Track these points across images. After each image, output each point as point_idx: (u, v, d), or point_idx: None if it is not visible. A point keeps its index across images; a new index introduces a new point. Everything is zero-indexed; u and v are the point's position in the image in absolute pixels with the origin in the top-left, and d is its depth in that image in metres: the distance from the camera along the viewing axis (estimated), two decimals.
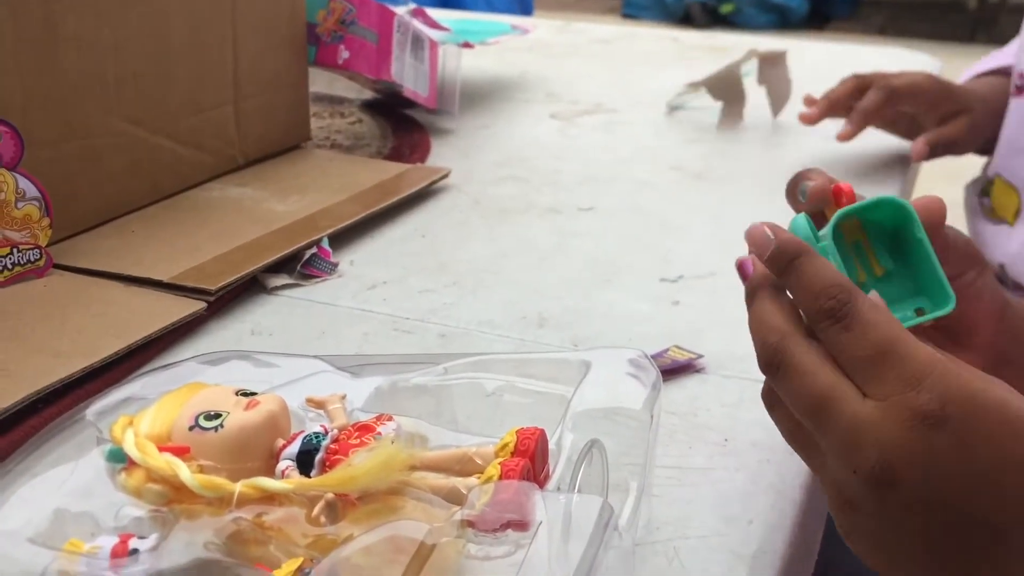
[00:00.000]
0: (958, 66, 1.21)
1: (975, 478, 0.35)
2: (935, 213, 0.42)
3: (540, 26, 1.33)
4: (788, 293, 0.40)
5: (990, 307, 0.45)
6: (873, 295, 0.39)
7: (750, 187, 0.85)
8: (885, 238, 0.43)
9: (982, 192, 0.97)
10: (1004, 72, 0.98)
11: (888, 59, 1.26)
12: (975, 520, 0.35)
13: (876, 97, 0.86)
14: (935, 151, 0.88)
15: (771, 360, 0.39)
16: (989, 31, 4.16)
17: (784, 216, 0.43)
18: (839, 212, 0.41)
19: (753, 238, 0.41)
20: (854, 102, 0.87)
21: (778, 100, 0.99)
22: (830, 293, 0.38)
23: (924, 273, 0.42)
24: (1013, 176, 0.91)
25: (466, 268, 0.68)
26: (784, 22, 4.62)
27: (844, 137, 0.86)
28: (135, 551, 0.34)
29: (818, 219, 0.43)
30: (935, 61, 1.25)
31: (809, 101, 0.90)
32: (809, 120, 0.88)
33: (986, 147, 0.96)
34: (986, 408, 0.35)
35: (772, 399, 0.41)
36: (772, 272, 0.40)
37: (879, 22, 4.82)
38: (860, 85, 0.88)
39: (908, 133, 0.91)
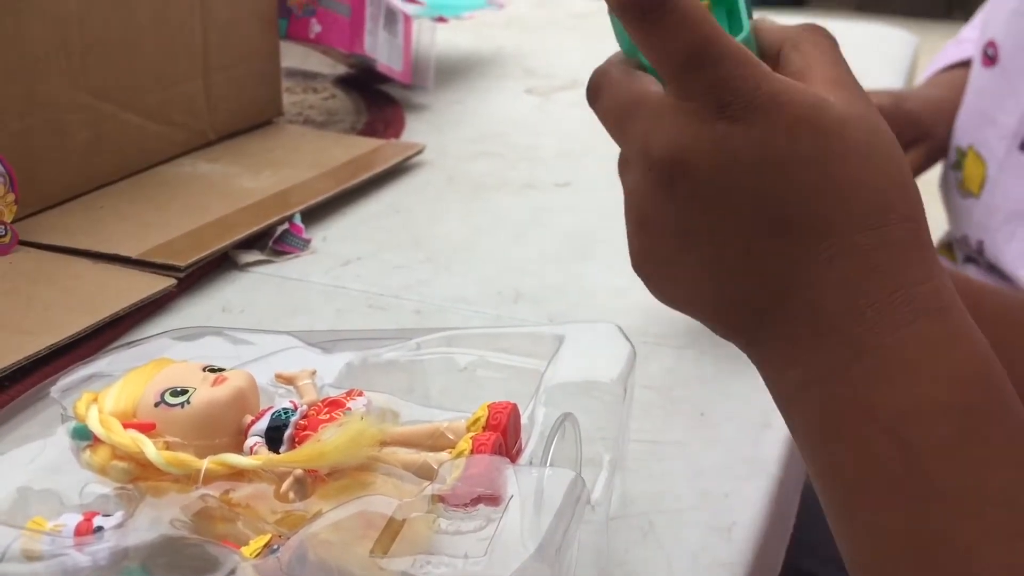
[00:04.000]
0: (934, 42, 1.21)
1: (769, 169, 0.32)
2: None
3: (516, 1, 1.32)
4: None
5: None
6: None
7: None
8: None
9: (955, 165, 0.96)
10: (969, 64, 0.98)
11: (866, 33, 1.26)
12: (767, 215, 0.33)
13: None
14: None
15: (591, 86, 0.37)
16: (965, 7, 4.17)
17: None
18: None
19: None
20: None
21: None
22: None
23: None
24: (983, 147, 0.91)
25: (441, 244, 0.67)
26: None
27: None
28: (100, 529, 0.34)
29: None
30: (911, 35, 1.25)
31: None
32: None
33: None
34: (786, 104, 0.32)
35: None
36: None
37: None
38: None
39: None
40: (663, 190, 0.34)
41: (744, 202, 0.33)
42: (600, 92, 0.37)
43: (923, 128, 0.91)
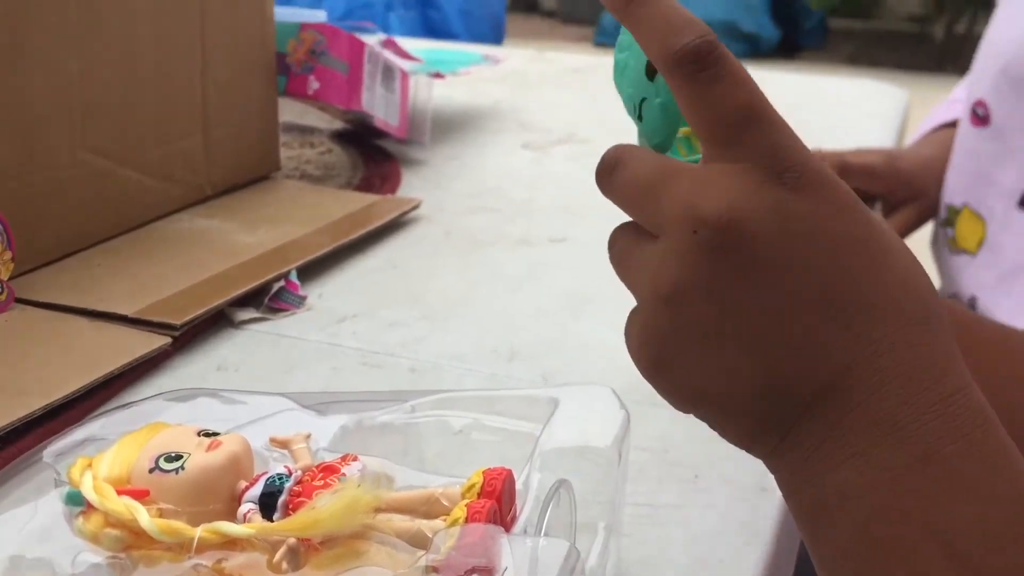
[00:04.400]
0: (925, 96, 1.23)
1: (826, 245, 0.31)
2: None
3: (512, 56, 1.33)
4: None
5: None
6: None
7: None
8: None
9: (946, 222, 0.97)
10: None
11: (857, 89, 1.27)
12: (826, 293, 0.31)
13: None
14: None
15: (608, 161, 0.36)
16: (955, 62, 4.23)
17: None
18: None
19: None
20: None
21: None
22: (696, 31, 0.32)
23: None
24: (981, 205, 0.92)
25: (437, 300, 0.67)
26: (755, 51, 4.67)
27: None
28: None
29: None
30: (903, 92, 1.26)
31: None
32: None
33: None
34: (836, 184, 0.32)
35: (614, 235, 0.37)
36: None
37: (848, 52, 4.88)
38: None
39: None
40: (713, 253, 0.31)
41: (802, 276, 0.31)
42: (622, 164, 0.35)
43: (916, 187, 0.92)
